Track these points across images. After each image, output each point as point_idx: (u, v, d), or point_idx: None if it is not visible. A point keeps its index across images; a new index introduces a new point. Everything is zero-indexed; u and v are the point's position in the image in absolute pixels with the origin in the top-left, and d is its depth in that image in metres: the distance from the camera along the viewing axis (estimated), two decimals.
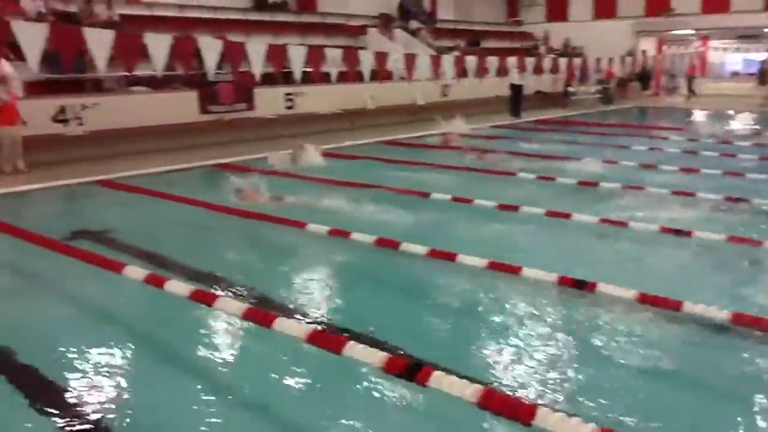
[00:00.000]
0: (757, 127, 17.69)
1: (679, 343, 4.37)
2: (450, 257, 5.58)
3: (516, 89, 18.91)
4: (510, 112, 19.12)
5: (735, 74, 36.31)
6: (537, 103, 21.48)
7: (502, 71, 13.46)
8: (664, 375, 3.94)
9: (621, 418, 3.37)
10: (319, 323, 4.57)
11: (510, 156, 11.45)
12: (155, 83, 13.10)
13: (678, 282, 5.44)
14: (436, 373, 3.32)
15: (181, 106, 13.43)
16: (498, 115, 19.00)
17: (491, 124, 17.29)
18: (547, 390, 3.70)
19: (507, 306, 4.95)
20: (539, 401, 3.50)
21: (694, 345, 4.34)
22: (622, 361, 4.06)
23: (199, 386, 3.76)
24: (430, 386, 3.27)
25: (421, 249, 5.78)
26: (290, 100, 15.44)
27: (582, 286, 4.91)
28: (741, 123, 19.05)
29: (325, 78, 10.91)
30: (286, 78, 11.26)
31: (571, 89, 22.86)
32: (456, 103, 19.27)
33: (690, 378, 3.94)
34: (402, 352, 3.95)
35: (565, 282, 5.00)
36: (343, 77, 11.00)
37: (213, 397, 3.64)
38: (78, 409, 3.49)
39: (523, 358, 4.10)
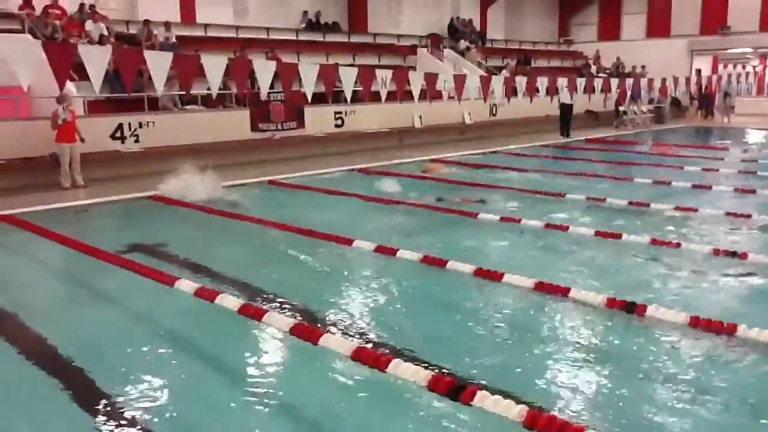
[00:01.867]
0: None
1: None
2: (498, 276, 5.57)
3: (566, 108, 18.74)
4: (560, 132, 18.95)
5: None
6: (588, 122, 21.22)
7: (552, 90, 13.34)
8: (713, 401, 3.83)
9: None
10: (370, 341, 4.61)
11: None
12: (210, 102, 13.46)
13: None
14: (481, 393, 3.32)
15: (234, 124, 13.75)
16: (547, 134, 18.85)
17: (541, 143, 17.18)
18: (595, 413, 3.66)
19: (556, 326, 4.90)
20: (585, 423, 3.44)
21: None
22: (669, 383, 3.97)
23: (247, 397, 3.83)
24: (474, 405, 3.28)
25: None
26: (339, 118, 15.64)
27: (632, 309, 4.83)
28: None
29: (375, 97, 11.03)
30: (337, 97, 11.41)
31: (622, 108, 22.51)
32: (505, 122, 19.24)
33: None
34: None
35: (613, 304, 4.94)
36: (392, 96, 11.08)
37: (260, 408, 3.71)
38: (121, 412, 3.60)
39: (572, 379, 4.05)
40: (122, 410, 3.63)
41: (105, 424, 3.49)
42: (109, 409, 3.65)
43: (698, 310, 4.82)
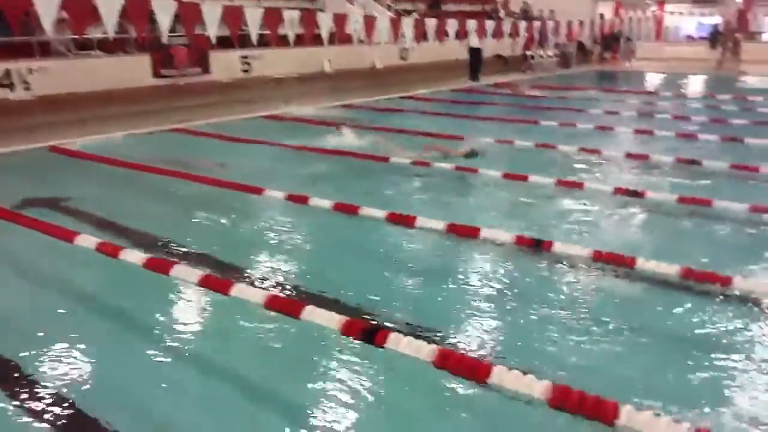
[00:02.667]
0: (709, 89, 18.01)
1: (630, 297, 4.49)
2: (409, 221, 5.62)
3: (475, 53, 18.85)
4: (470, 76, 19.09)
5: (690, 38, 36.77)
6: (497, 67, 21.49)
7: (462, 34, 13.37)
8: (617, 330, 4.05)
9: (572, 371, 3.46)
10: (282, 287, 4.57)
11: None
12: (107, 47, 12.70)
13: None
14: (393, 335, 3.35)
15: (134, 70, 13.06)
16: (458, 79, 18.95)
17: (451, 87, 17.26)
18: (502, 348, 3.79)
19: (467, 266, 5.01)
20: (495, 359, 3.56)
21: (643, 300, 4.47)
22: (574, 317, 4.15)
23: (159, 352, 3.74)
24: (388, 347, 3.31)
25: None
26: (247, 63, 15.14)
27: (539, 246, 4.99)
28: (695, 86, 19.35)
29: (284, 41, 10.71)
30: (244, 41, 10.99)
31: (529, 53, 22.89)
32: (416, 67, 19.19)
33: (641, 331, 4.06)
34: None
35: (522, 242, 5.08)
36: (301, 41, 10.80)
37: (174, 363, 3.63)
38: (36, 382, 3.43)
39: (479, 317, 4.17)
40: (33, 377, 3.46)
41: (18, 395, 3.32)
42: (18, 376, 3.48)
43: (601, 244, 5.04)
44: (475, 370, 3.17)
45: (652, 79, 21.34)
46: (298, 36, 10.43)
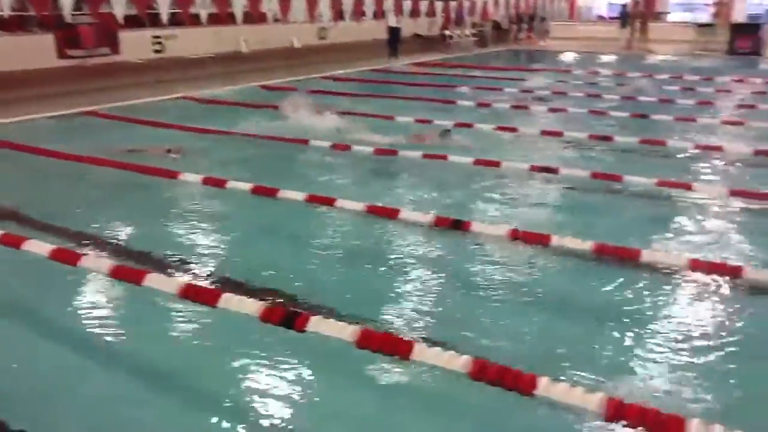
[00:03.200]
0: (620, 67, 18.60)
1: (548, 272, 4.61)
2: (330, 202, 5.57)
3: (393, 32, 18.83)
4: (389, 55, 19.07)
5: (601, 18, 38.01)
6: (416, 46, 21.54)
7: (379, 14, 13.31)
8: (535, 303, 4.15)
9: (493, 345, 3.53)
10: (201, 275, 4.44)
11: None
12: (5, 25, 11.95)
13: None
14: (314, 318, 3.32)
15: (36, 50, 12.36)
16: (377, 58, 18.88)
17: (370, 67, 17.17)
18: (424, 325, 3.82)
19: (387, 247, 5.02)
20: (417, 336, 3.58)
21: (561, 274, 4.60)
22: (494, 293, 4.24)
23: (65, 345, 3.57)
24: (309, 331, 3.27)
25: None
26: (158, 43, 14.59)
27: (458, 225, 5.05)
28: (606, 64, 19.95)
29: (196, 20, 10.37)
30: (154, 21, 10.57)
31: (447, 32, 23.07)
32: (335, 47, 19.01)
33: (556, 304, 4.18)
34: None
35: (441, 222, 5.13)
36: (215, 19, 10.48)
37: (80, 354, 3.48)
38: None
39: (402, 296, 4.19)
40: None
41: None
42: None
43: (518, 221, 5.14)
44: (397, 348, 3.18)
45: (566, 58, 21.91)
46: (212, 15, 10.10)
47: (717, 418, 2.72)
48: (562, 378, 3.05)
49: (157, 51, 14.52)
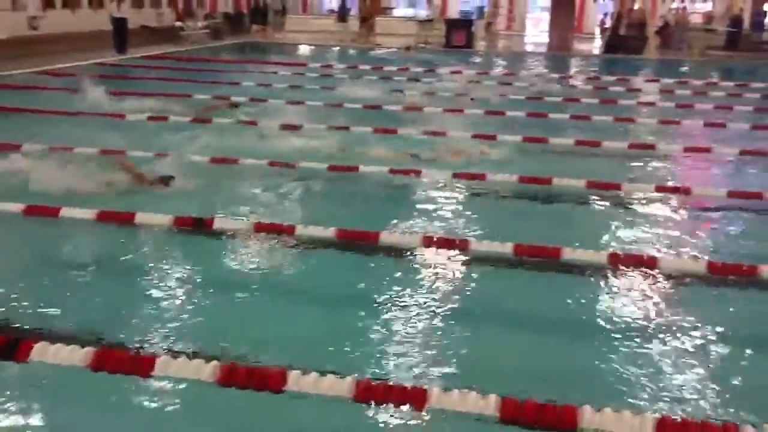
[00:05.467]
0: (351, 61, 19.36)
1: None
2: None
3: (119, 23, 17.53)
4: (115, 48, 17.73)
5: (332, 12, 39.19)
6: (146, 39, 20.33)
7: (97, 3, 12.29)
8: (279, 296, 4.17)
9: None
10: None
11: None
12: None
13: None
14: (39, 345, 2.96)
15: None
16: (102, 51, 17.45)
17: (94, 61, 15.82)
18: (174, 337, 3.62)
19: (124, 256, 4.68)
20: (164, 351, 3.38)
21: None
22: (246, 294, 4.18)
23: None
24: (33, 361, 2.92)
25: None
26: None
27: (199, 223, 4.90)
28: (337, 57, 20.67)
29: None
30: None
31: (179, 24, 22.15)
32: (51, 38, 17.15)
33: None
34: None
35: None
36: None
37: None
38: None
39: (147, 309, 3.94)
40: None
41: None
42: None
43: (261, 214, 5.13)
44: (138, 366, 2.97)
45: (302, 51, 22.33)
46: None
47: (456, 382, 2.97)
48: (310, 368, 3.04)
49: None
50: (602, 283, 4.42)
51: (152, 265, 4.53)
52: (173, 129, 8.51)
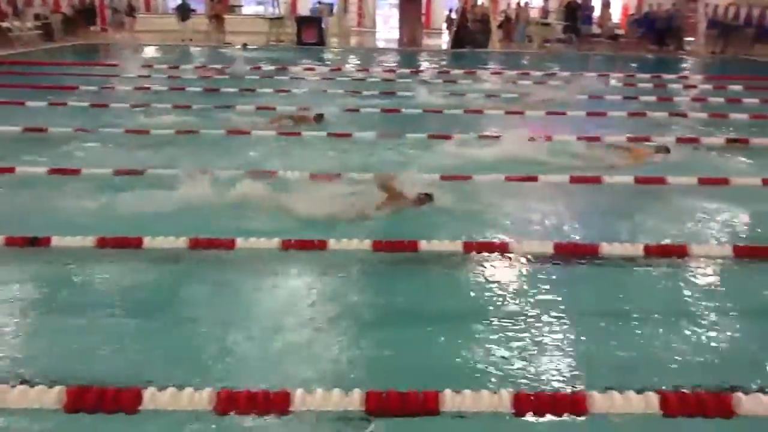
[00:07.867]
0: (202, 60, 18.71)
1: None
2: None
3: None
4: None
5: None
6: None
7: None
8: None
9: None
10: None
11: None
12: None
13: None
14: None
15: None
16: None
17: None
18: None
19: None
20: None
21: None
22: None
23: None
24: None
25: None
26: None
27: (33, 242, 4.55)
28: (187, 57, 19.86)
29: None
30: None
31: (6, 25, 20.29)
32: None
33: None
34: None
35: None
36: None
37: None
38: None
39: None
40: None
41: None
42: None
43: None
44: None
45: (151, 52, 21.16)
46: None
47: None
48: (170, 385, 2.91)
49: None
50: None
51: None
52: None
